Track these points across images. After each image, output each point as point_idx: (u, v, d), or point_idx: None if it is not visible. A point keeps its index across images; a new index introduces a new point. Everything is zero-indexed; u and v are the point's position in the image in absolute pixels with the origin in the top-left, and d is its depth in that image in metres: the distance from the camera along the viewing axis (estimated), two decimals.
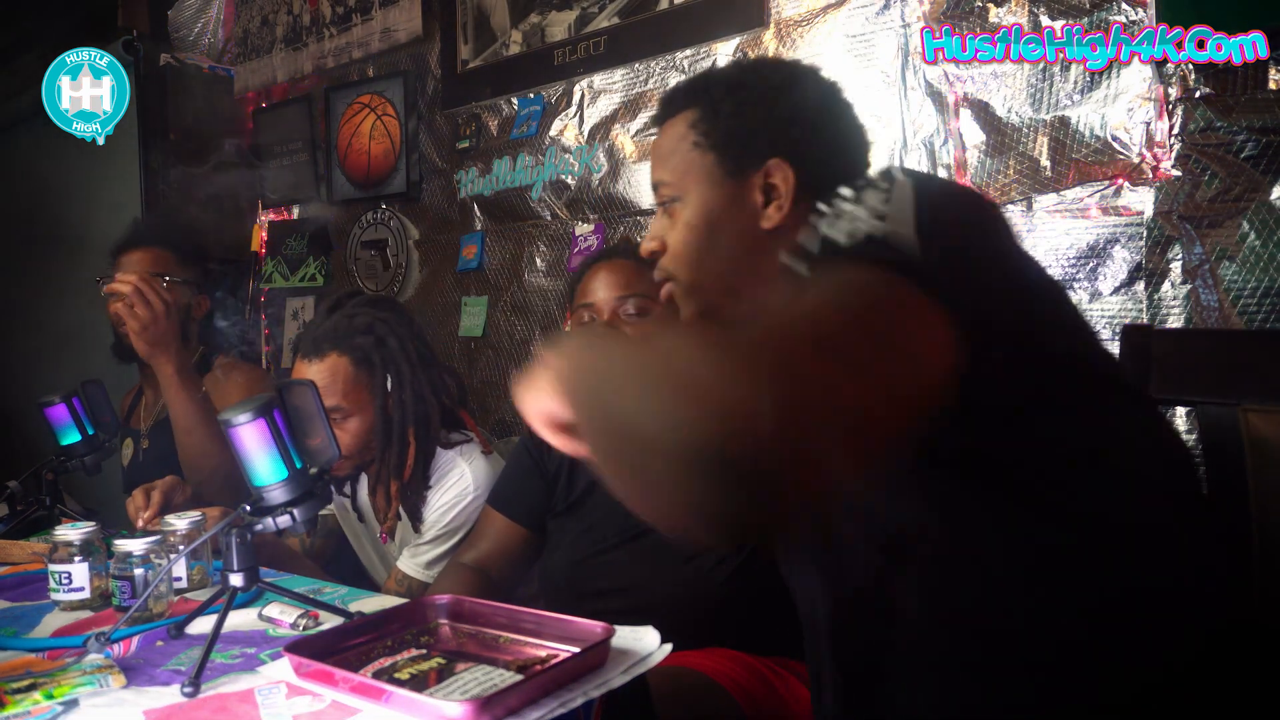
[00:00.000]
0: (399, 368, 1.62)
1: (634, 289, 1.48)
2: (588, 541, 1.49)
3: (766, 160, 0.97)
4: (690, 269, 1.00)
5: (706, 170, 0.99)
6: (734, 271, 0.98)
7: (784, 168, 0.96)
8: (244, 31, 3.16)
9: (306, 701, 0.87)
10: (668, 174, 1.02)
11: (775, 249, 0.91)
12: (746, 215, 0.97)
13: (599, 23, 2.16)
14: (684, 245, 1.00)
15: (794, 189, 0.96)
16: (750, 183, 0.97)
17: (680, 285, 1.01)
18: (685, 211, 1.00)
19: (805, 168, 0.96)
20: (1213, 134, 1.41)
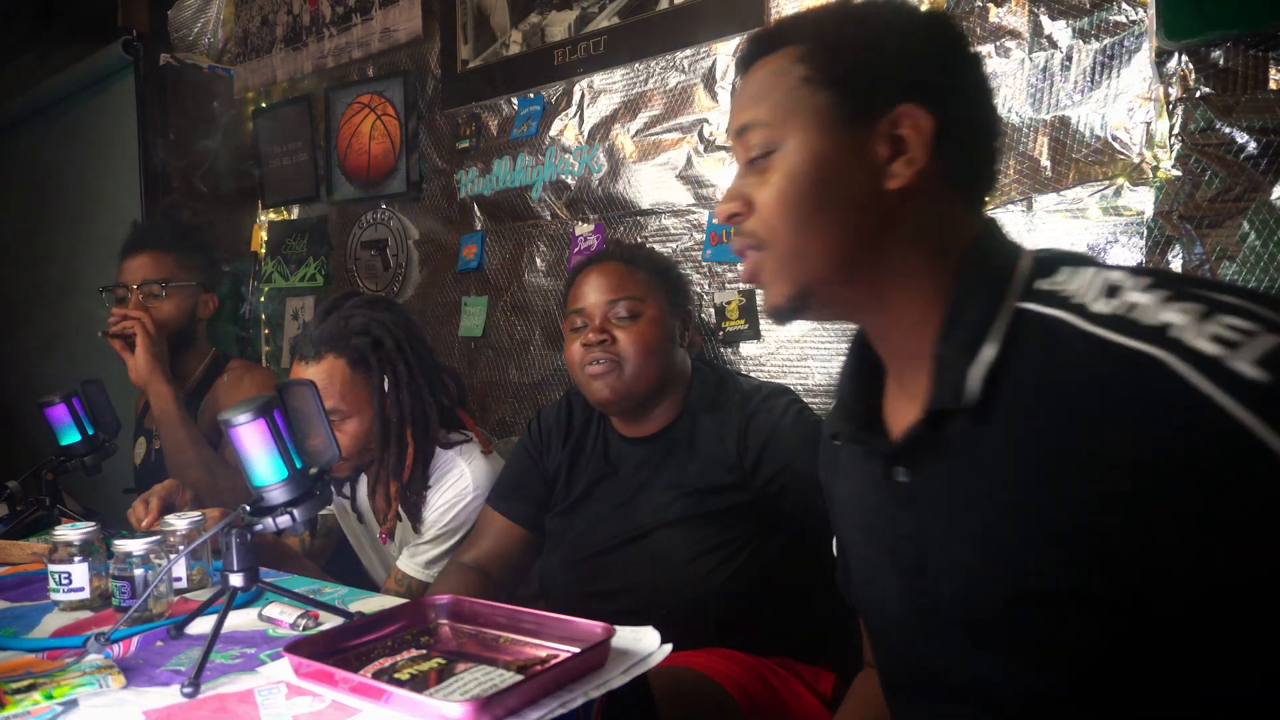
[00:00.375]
0: (396, 369, 1.62)
1: (624, 292, 1.48)
2: (587, 542, 1.50)
3: (897, 105, 0.78)
4: (791, 233, 0.80)
5: (818, 112, 0.79)
6: (847, 241, 0.80)
7: (919, 114, 0.77)
8: (244, 31, 3.16)
9: (306, 701, 0.87)
10: (763, 114, 0.82)
11: (900, 217, 0.79)
12: (867, 171, 0.79)
13: (599, 23, 2.16)
14: (783, 203, 0.80)
15: (930, 142, 0.77)
16: (874, 131, 0.78)
17: (774, 255, 0.81)
18: (786, 162, 0.80)
19: (944, 118, 0.78)
20: (1213, 134, 1.41)
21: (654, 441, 1.50)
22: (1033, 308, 0.73)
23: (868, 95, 0.79)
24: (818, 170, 0.79)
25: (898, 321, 0.81)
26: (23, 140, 3.96)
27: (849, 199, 0.79)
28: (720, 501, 1.41)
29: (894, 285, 0.80)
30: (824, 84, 0.80)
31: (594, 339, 1.46)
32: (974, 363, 0.73)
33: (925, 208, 0.79)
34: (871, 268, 0.80)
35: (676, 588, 1.40)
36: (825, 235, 0.80)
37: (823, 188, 0.79)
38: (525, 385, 2.38)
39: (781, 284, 0.82)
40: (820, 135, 0.79)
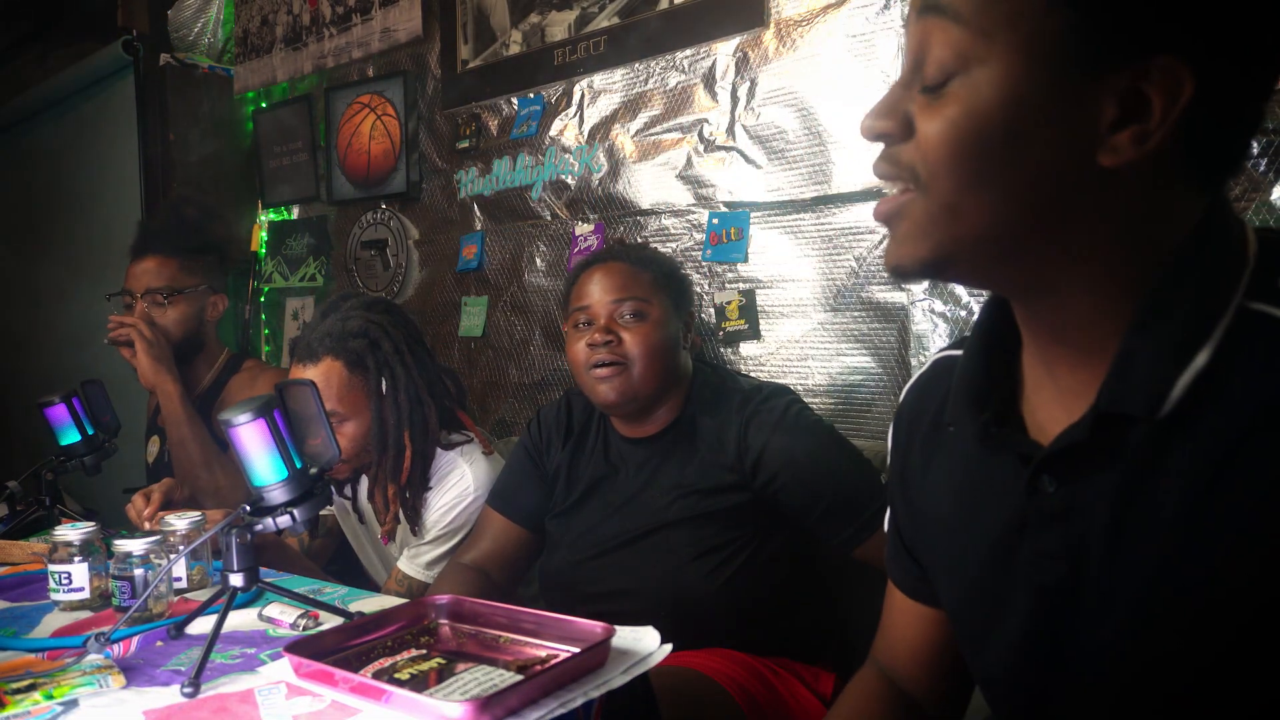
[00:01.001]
0: (393, 370, 1.62)
1: (629, 292, 1.47)
2: (587, 543, 1.49)
3: (1155, 54, 0.57)
4: (956, 187, 0.61)
5: (1044, 36, 0.58)
6: (1022, 215, 0.61)
7: (1181, 73, 0.57)
8: (244, 31, 3.16)
9: (306, 702, 0.87)
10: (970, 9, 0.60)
11: (1104, 199, 0.61)
12: (1081, 133, 0.59)
13: (599, 23, 2.16)
14: (956, 147, 0.61)
15: (1180, 113, 0.58)
16: (1108, 80, 0.58)
17: (928, 206, 0.63)
18: (976, 93, 0.60)
19: (1210, 84, 0.58)
20: None
21: (654, 442, 1.50)
22: (1266, 309, 0.59)
23: (1123, 31, 0.58)
24: (1015, 118, 0.59)
25: (1065, 311, 0.65)
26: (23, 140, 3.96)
27: (1043, 165, 0.60)
28: (720, 502, 1.41)
29: (1074, 272, 0.63)
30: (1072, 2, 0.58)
31: (600, 339, 1.44)
32: (1186, 368, 0.60)
33: (1141, 193, 0.61)
34: (1045, 247, 0.63)
35: (676, 588, 1.40)
36: (997, 202, 0.61)
37: (1014, 143, 0.60)
38: (525, 385, 2.38)
39: (922, 243, 0.64)
40: (1036, 70, 0.59)
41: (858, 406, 1.77)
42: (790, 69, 1.85)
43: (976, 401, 0.72)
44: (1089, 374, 0.65)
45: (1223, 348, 0.59)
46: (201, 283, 2.11)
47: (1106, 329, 0.64)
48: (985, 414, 0.71)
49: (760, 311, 1.90)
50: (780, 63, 1.87)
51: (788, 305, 1.87)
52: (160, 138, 3.14)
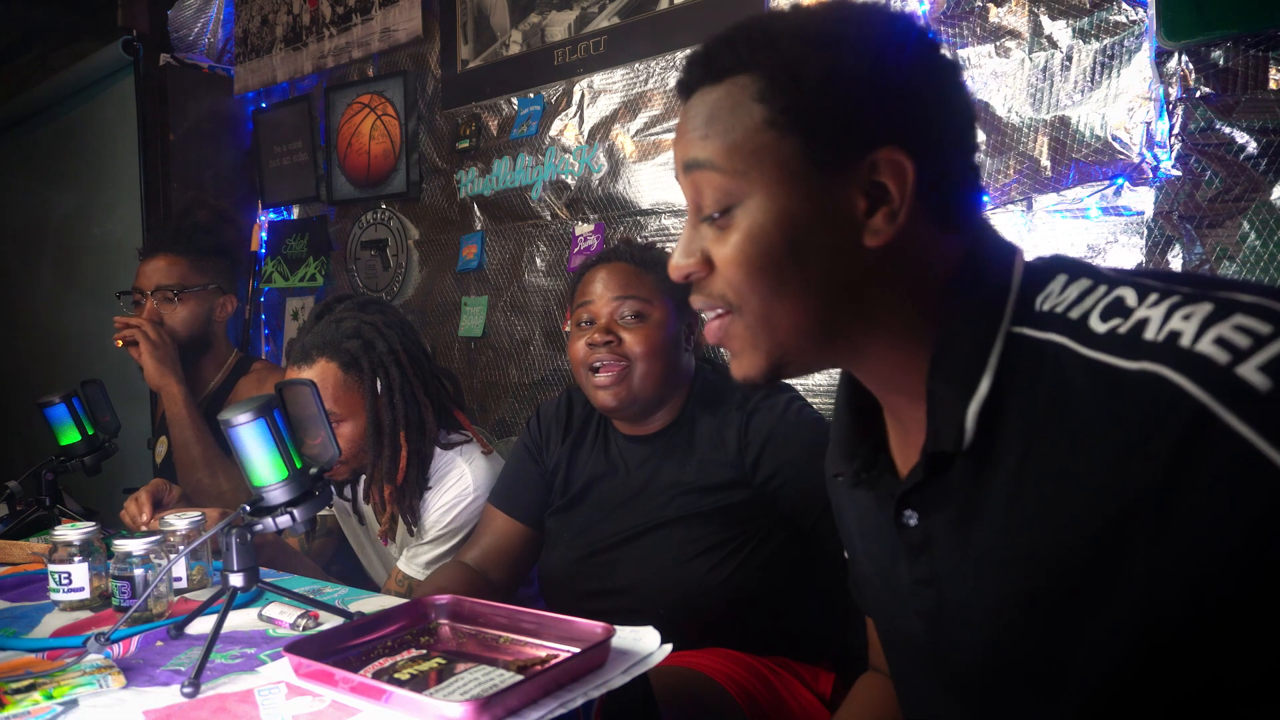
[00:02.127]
0: (388, 372, 1.61)
1: (631, 292, 1.47)
2: (586, 541, 1.49)
3: (874, 149, 0.68)
4: (761, 301, 0.71)
5: (784, 162, 0.69)
6: (824, 305, 0.71)
7: (900, 159, 0.68)
8: (244, 31, 3.16)
9: (306, 701, 0.87)
10: (717, 157, 0.71)
11: (881, 270, 0.70)
12: (843, 228, 0.69)
13: (599, 23, 2.16)
14: (748, 268, 0.70)
15: (913, 191, 0.68)
16: (848, 180, 0.69)
17: (745, 323, 0.73)
18: (749, 221, 0.70)
19: (926, 161, 0.69)
20: (1213, 134, 1.41)
21: (655, 440, 1.50)
22: (1027, 332, 0.67)
23: (841, 140, 0.69)
24: (788, 231, 0.69)
25: (883, 365, 0.74)
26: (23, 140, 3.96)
27: (824, 261, 0.70)
28: (720, 500, 1.41)
29: (876, 335, 0.72)
30: (789, 128, 0.69)
31: (599, 339, 1.44)
32: (970, 401, 0.67)
33: (907, 255, 0.70)
34: (850, 324, 0.72)
35: (676, 586, 1.40)
36: (799, 301, 0.71)
37: (794, 251, 0.70)
38: (525, 385, 2.38)
39: (754, 355, 0.74)
40: (788, 190, 0.69)
41: None
42: None
43: (848, 451, 0.82)
44: (921, 414, 0.72)
45: (999, 374, 0.67)
46: (211, 282, 2.12)
47: (918, 373, 0.72)
48: (855, 462, 0.81)
49: None
50: None
51: None
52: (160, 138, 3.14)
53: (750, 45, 0.71)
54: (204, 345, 2.13)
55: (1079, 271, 0.69)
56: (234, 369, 2.17)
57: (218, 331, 2.16)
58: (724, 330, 0.75)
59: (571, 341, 1.51)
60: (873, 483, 0.79)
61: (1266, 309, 0.58)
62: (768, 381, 0.75)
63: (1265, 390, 0.55)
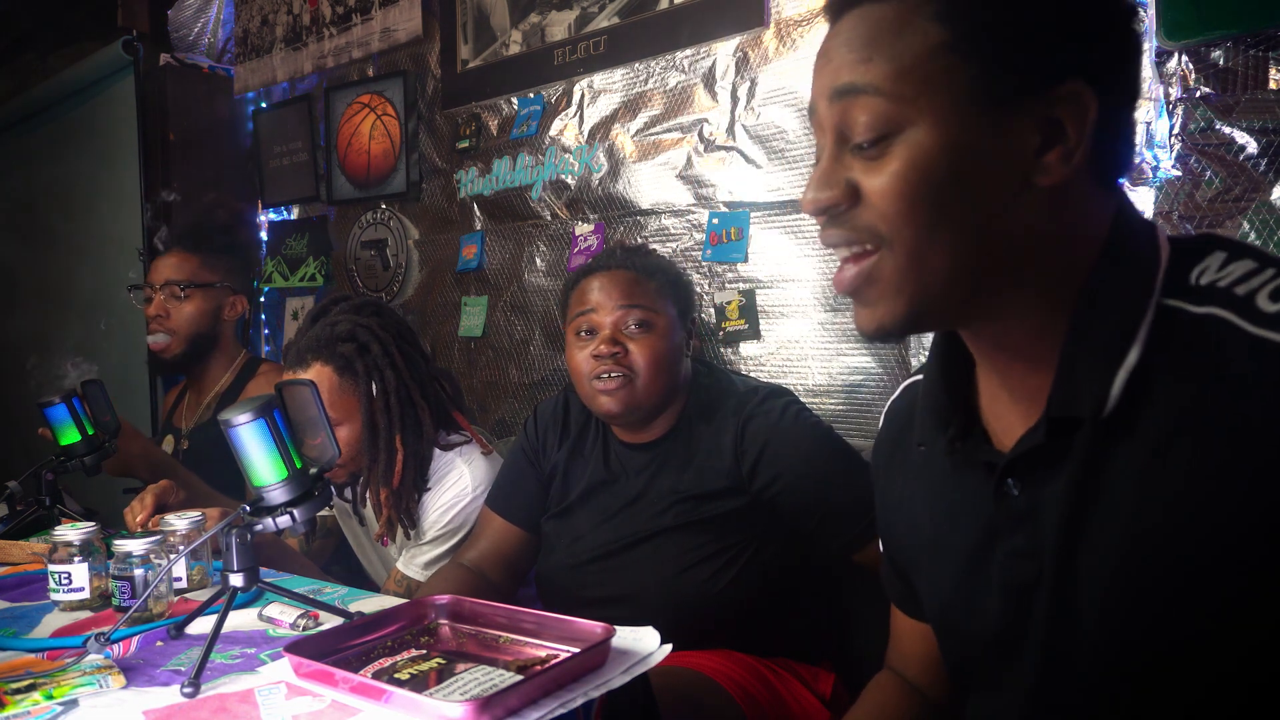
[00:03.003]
0: (383, 374, 1.60)
1: (635, 300, 1.44)
2: (583, 548, 1.49)
3: (1059, 83, 0.64)
4: (917, 234, 0.65)
5: (960, 90, 0.64)
6: (983, 248, 0.66)
7: (1085, 96, 0.64)
8: (244, 31, 3.16)
9: (306, 701, 0.87)
10: (882, 80, 0.65)
11: (1045, 216, 0.66)
12: (1015, 164, 0.65)
13: (599, 23, 2.16)
14: (909, 198, 0.65)
15: (1092, 131, 0.64)
16: (1026, 113, 0.64)
17: (896, 260, 0.67)
18: (913, 150, 0.65)
19: (1110, 99, 0.65)
20: (1213, 134, 1.41)
21: (653, 448, 1.49)
22: (1184, 306, 0.64)
23: (1025, 70, 0.64)
24: (955, 162, 0.64)
25: (1017, 327, 0.70)
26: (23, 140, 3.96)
27: (991, 198, 0.65)
28: (717, 507, 1.40)
29: (1022, 292, 0.68)
30: (970, 54, 0.64)
31: (606, 351, 1.41)
32: (1119, 368, 0.64)
33: (1070, 205, 0.67)
34: (1000, 275, 0.67)
35: (674, 594, 1.39)
36: (957, 242, 0.65)
37: (959, 184, 0.65)
38: (525, 385, 2.38)
39: (896, 300, 0.68)
40: (961, 119, 0.64)
41: (858, 407, 1.77)
42: (790, 69, 1.85)
43: (941, 420, 0.78)
44: (1039, 381, 0.69)
45: (1149, 345, 0.64)
46: (221, 281, 2.14)
47: (1049, 339, 0.69)
48: (950, 431, 0.77)
49: (760, 311, 1.90)
50: (780, 63, 1.87)
51: (788, 305, 1.86)
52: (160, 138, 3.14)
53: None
54: (211, 343, 2.14)
55: (1241, 251, 0.66)
56: (242, 370, 2.18)
57: (226, 331, 2.17)
58: (866, 273, 0.68)
59: (571, 351, 1.47)
60: (968, 452, 0.76)
61: None
62: (902, 333, 0.70)
63: None
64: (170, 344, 2.13)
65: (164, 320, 2.12)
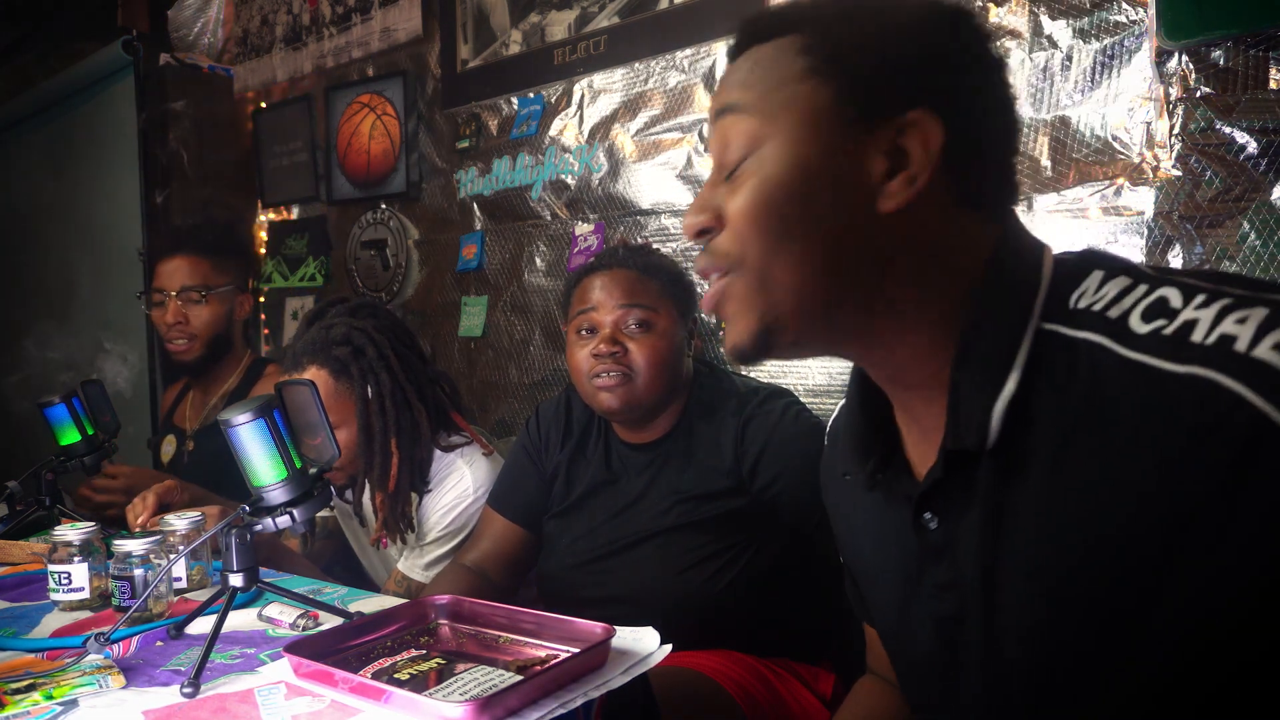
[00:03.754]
0: (378, 377, 1.60)
1: (636, 300, 1.44)
2: (585, 547, 1.49)
3: (907, 110, 0.66)
4: (762, 254, 0.68)
5: (815, 110, 0.67)
6: (826, 269, 0.68)
7: (929, 123, 0.66)
8: (244, 31, 3.16)
9: (306, 702, 0.87)
10: (750, 98, 0.70)
11: (895, 242, 0.68)
12: (859, 187, 0.67)
13: (599, 22, 2.16)
14: (756, 215, 0.68)
15: (937, 157, 0.66)
16: (874, 139, 0.67)
17: (744, 281, 0.70)
18: (765, 166, 0.68)
19: (959, 129, 0.67)
20: (1213, 134, 1.41)
21: (654, 448, 1.49)
22: (1061, 330, 0.65)
23: (875, 95, 0.67)
24: (801, 179, 0.67)
25: (895, 356, 0.72)
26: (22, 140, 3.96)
27: (835, 218, 0.67)
28: (718, 507, 1.40)
29: (888, 318, 0.70)
30: (828, 78, 0.68)
31: (605, 350, 1.42)
32: (996, 397, 0.65)
33: (926, 230, 0.68)
34: (857, 300, 0.69)
35: (674, 595, 1.40)
36: (802, 260, 0.68)
37: (804, 202, 0.67)
38: (525, 385, 2.38)
39: (748, 318, 0.70)
40: (811, 138, 0.68)
41: None
42: None
43: (861, 452, 0.78)
44: (938, 411, 0.70)
45: (1028, 372, 0.65)
46: (231, 282, 2.14)
47: (938, 367, 0.69)
48: (870, 463, 0.77)
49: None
50: None
51: None
52: (160, 138, 3.14)
53: (802, 7, 0.72)
54: (226, 345, 2.14)
55: (1116, 268, 0.66)
56: (248, 372, 2.18)
57: (237, 331, 2.18)
58: (721, 292, 0.71)
59: (572, 350, 1.48)
60: (889, 483, 0.77)
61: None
62: (757, 352, 0.71)
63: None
64: (191, 347, 2.12)
65: (184, 326, 2.10)
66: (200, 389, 2.22)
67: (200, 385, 2.22)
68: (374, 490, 1.62)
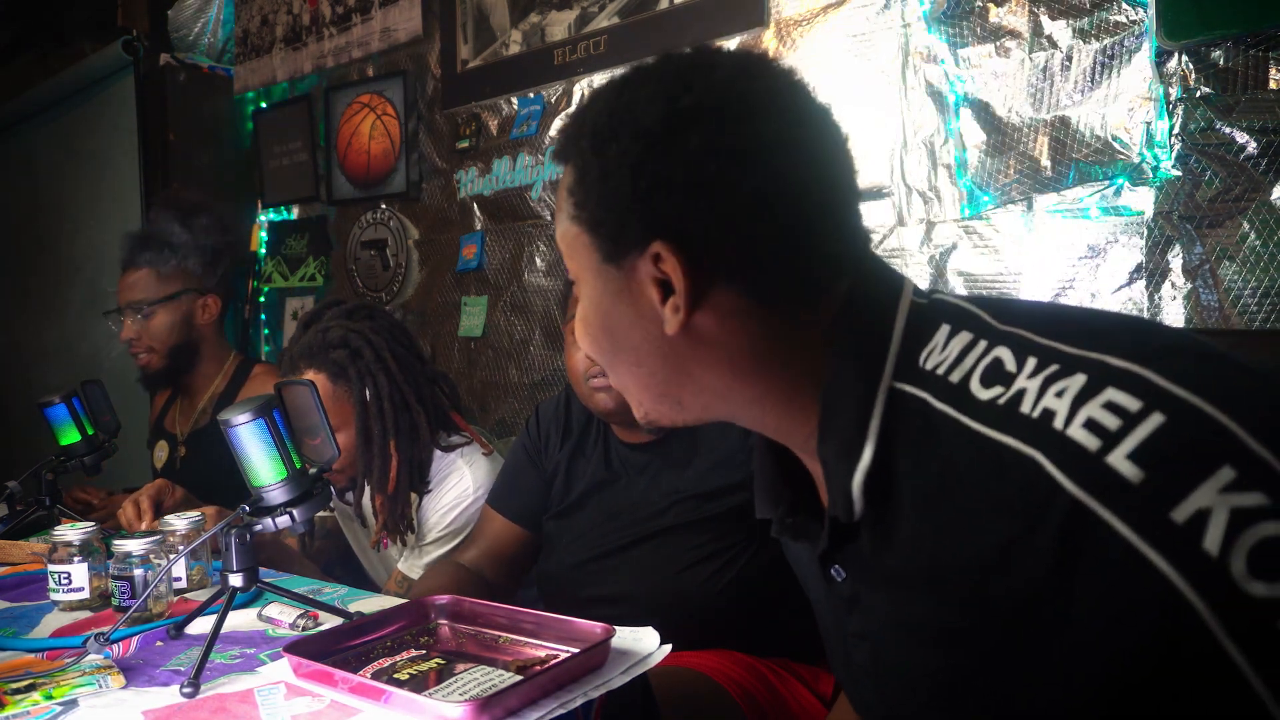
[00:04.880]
0: (376, 380, 1.59)
1: None
2: (584, 547, 1.49)
3: (647, 244, 0.67)
4: (605, 364, 0.76)
5: (587, 252, 0.71)
6: (654, 380, 0.73)
7: (667, 253, 0.66)
8: (244, 31, 3.16)
9: (306, 702, 0.87)
10: (559, 238, 0.76)
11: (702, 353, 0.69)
12: (643, 316, 0.70)
13: (599, 22, 2.16)
14: (587, 340, 0.76)
15: (687, 282, 0.66)
16: (636, 272, 0.68)
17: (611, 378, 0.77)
18: (582, 300, 0.75)
19: (698, 249, 0.66)
20: (1213, 134, 1.41)
21: (655, 448, 1.49)
22: (908, 390, 0.63)
23: (619, 235, 0.68)
24: (601, 315, 0.73)
25: (770, 430, 0.73)
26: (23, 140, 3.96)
27: (634, 344, 0.71)
28: (720, 505, 1.41)
29: (739, 408, 0.72)
30: (584, 223, 0.70)
31: None
32: (855, 469, 0.64)
33: (732, 338, 0.68)
34: (699, 399, 0.72)
35: (675, 594, 1.39)
36: (631, 374, 0.74)
37: (610, 331, 0.73)
38: (525, 385, 2.38)
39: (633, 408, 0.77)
40: (594, 278, 0.72)
41: None
42: None
43: (772, 496, 0.79)
44: None
45: (884, 439, 0.64)
46: (184, 288, 2.07)
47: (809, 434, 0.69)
48: (779, 508, 0.78)
49: None
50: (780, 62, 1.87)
51: None
52: (160, 138, 3.14)
53: (567, 137, 0.72)
54: (192, 349, 2.09)
55: (961, 322, 0.64)
56: (236, 373, 2.15)
57: (206, 334, 2.11)
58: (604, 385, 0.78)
59: (569, 351, 1.48)
60: (798, 530, 0.76)
61: (1136, 378, 0.54)
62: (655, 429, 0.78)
63: (1137, 481, 0.51)
64: (151, 360, 2.08)
65: (138, 342, 2.08)
66: (186, 394, 2.19)
67: (185, 390, 2.19)
68: (374, 492, 1.62)
